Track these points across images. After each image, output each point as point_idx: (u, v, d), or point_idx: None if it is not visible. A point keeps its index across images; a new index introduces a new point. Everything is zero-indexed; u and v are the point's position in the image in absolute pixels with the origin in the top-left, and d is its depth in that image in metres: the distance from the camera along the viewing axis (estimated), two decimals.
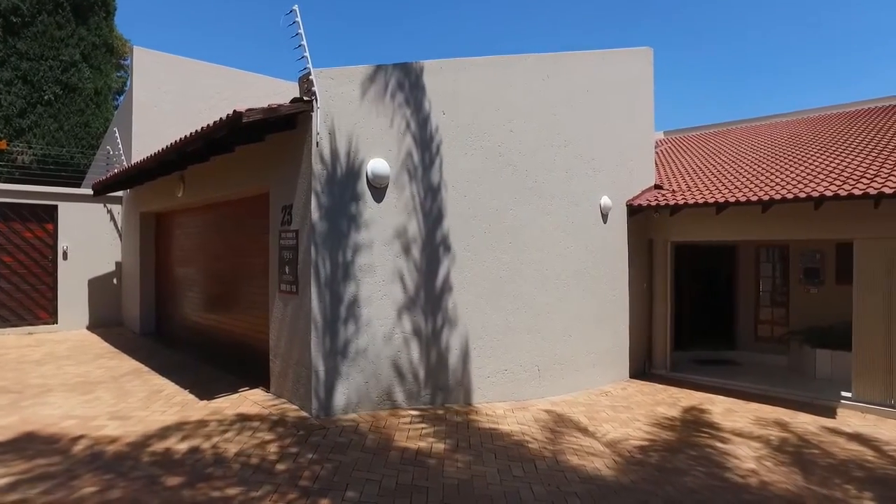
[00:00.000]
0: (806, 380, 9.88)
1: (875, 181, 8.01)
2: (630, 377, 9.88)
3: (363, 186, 6.46)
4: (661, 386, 9.46)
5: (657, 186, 10.61)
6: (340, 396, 6.25)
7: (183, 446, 5.21)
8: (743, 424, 7.46)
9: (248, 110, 5.52)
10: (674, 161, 13.67)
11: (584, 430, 6.76)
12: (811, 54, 43.88)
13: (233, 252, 8.72)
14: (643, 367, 10.32)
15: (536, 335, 8.10)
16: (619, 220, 9.70)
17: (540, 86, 8.33)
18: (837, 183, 8.33)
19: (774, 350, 11.33)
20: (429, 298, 6.99)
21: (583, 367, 8.79)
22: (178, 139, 6.88)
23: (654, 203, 9.61)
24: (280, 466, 4.83)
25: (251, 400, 6.63)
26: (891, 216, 8.00)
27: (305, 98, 5.96)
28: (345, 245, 6.29)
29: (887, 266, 8.09)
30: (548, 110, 8.40)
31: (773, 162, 10.88)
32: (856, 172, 8.66)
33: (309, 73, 5.95)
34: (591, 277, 9.02)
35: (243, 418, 5.98)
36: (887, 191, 7.58)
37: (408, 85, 6.92)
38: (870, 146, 10.49)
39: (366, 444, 5.54)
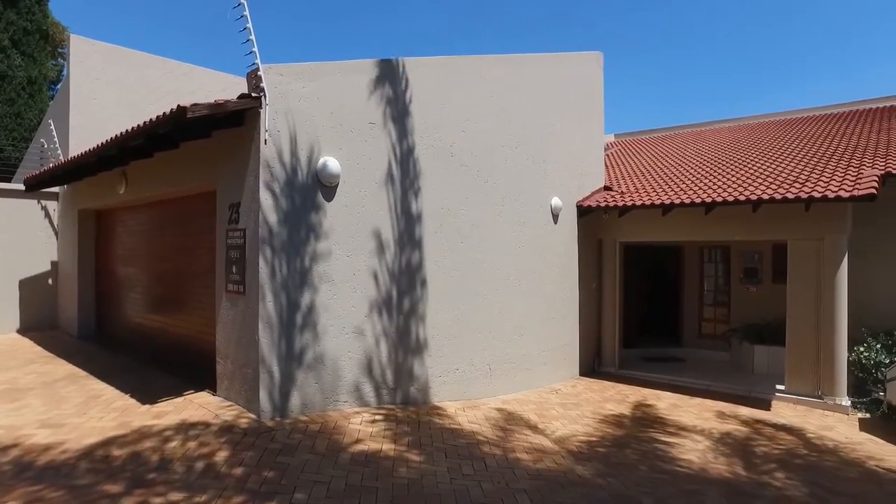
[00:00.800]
0: (745, 374, 10.31)
1: (806, 185, 8.44)
2: (580, 375, 10.08)
3: (314, 185, 6.36)
4: (609, 383, 9.69)
5: (607, 188, 10.87)
6: (292, 398, 6.14)
7: (122, 452, 5.00)
8: (687, 418, 7.72)
9: (194, 105, 5.36)
10: (623, 163, 14.04)
11: (534, 428, 6.86)
12: (755, 63, 45.87)
13: (178, 251, 8.44)
14: (593, 365, 10.55)
15: (488, 334, 8.16)
16: (570, 220, 9.89)
17: (492, 87, 8.40)
18: (773, 187, 8.73)
19: (717, 347, 11.78)
20: (380, 298, 6.95)
21: (534, 366, 8.91)
22: (118, 133, 6.61)
23: (603, 204, 9.84)
24: (226, 470, 4.70)
25: (197, 403, 6.43)
26: (820, 219, 8.44)
27: (253, 94, 5.82)
28: (294, 244, 6.19)
29: (817, 266, 8.53)
30: (499, 111, 8.48)
31: (716, 166, 11.31)
32: (790, 177, 9.10)
33: (257, 69, 5.82)
34: (542, 277, 9.16)
35: (188, 422, 5.79)
36: (816, 195, 8.00)
37: (360, 83, 6.86)
38: (802, 152, 11.04)
39: (316, 445, 5.46)
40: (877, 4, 39.85)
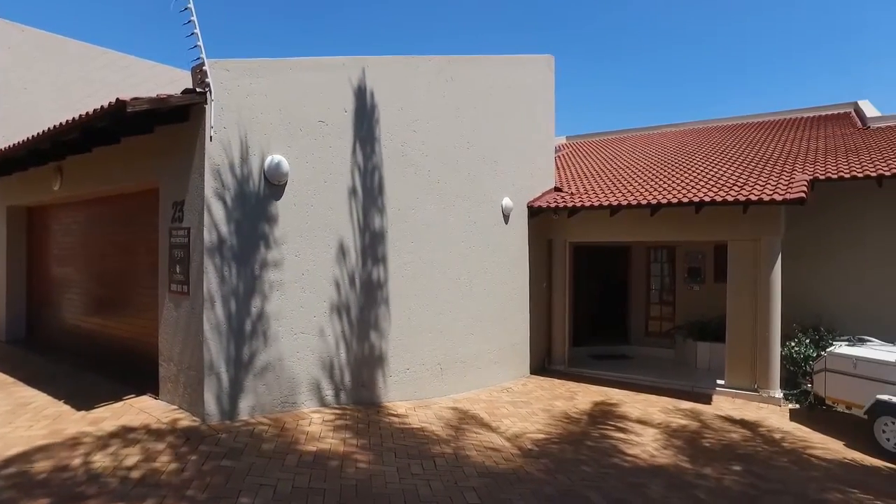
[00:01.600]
0: (689, 370, 10.69)
1: (744, 189, 8.83)
2: (531, 373, 10.23)
3: (262, 183, 6.24)
4: (559, 381, 9.88)
5: (557, 189, 11.08)
6: (241, 400, 5.99)
7: (49, 464, 4.73)
8: (633, 414, 7.94)
9: (134, 99, 5.16)
10: (574, 165, 14.34)
11: (485, 426, 6.92)
12: (700, 70, 47.59)
13: (119, 250, 8.12)
14: (543, 364, 10.73)
15: (439, 334, 8.19)
16: (521, 220, 10.02)
17: (444, 87, 8.43)
18: (714, 189, 9.09)
19: (663, 344, 12.16)
20: (332, 298, 6.87)
21: (485, 365, 8.99)
22: (52, 126, 6.30)
23: (553, 205, 10.02)
24: (166, 477, 4.55)
25: (138, 408, 6.20)
26: (757, 220, 8.83)
27: (199, 89, 5.66)
28: (242, 243, 6.05)
29: (754, 266, 8.92)
30: (451, 112, 8.52)
31: (662, 169, 11.69)
32: (730, 180, 9.50)
33: (202, 64, 5.65)
34: (493, 277, 9.25)
35: (127, 428, 5.57)
36: (753, 198, 8.38)
37: (311, 81, 6.77)
38: (742, 157, 11.56)
39: (263, 448, 5.36)
40: (815, 23, 42.05)
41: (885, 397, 6.83)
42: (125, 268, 7.94)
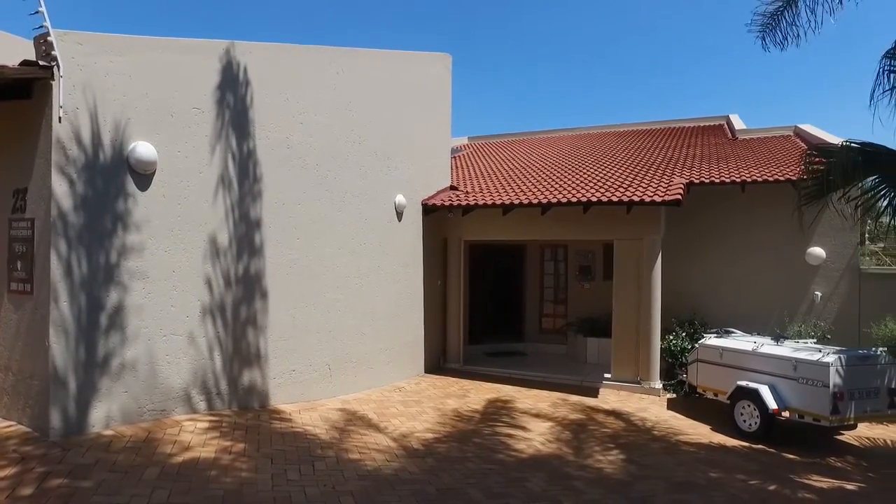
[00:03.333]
0: (579, 365, 11.06)
1: (628, 191, 9.24)
2: (425, 372, 10.15)
3: (122, 171, 5.69)
4: (453, 379, 9.87)
5: (453, 187, 11.09)
6: (94, 411, 5.40)
7: None
8: (523, 408, 8.05)
9: None
10: (473, 165, 14.48)
11: (372, 427, 6.72)
12: (604, 78, 50.00)
13: None
14: (439, 362, 10.69)
15: (328, 333, 7.90)
16: (415, 218, 9.92)
17: (334, 80, 8.16)
18: (602, 191, 9.44)
19: (556, 340, 12.52)
20: (208, 297, 6.41)
21: (377, 365, 8.80)
22: None
23: (447, 203, 10.01)
24: None
25: None
26: (640, 220, 9.28)
27: (42, 62, 5.04)
28: (97, 236, 5.47)
29: (637, 264, 9.38)
30: (342, 105, 8.26)
31: (555, 171, 12.05)
32: (616, 182, 9.92)
33: (47, 34, 5.04)
34: (386, 275, 9.08)
35: None
36: (636, 199, 8.79)
37: (184, 63, 6.28)
38: (629, 161, 12.17)
39: (119, 462, 4.85)
40: (696, 43, 45.56)
41: (743, 383, 7.36)
42: None
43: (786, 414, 6.97)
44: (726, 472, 6.05)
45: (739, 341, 7.99)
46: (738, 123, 15.28)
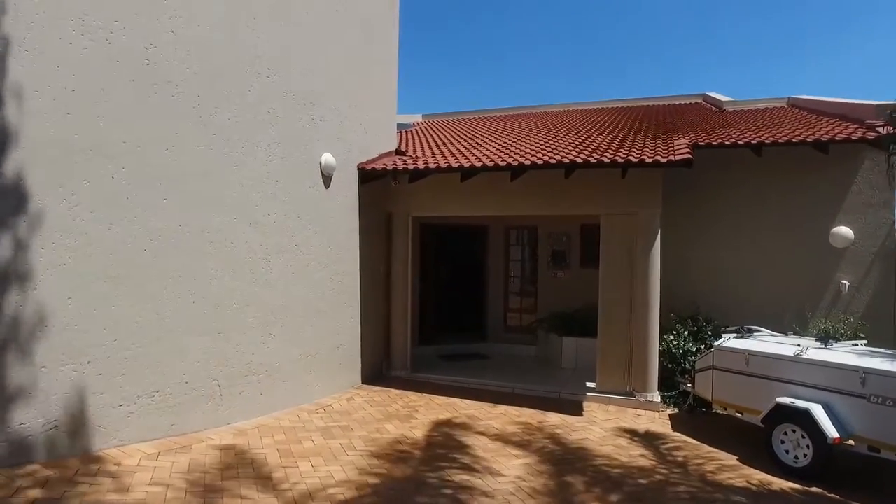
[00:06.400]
0: (554, 370, 9.06)
1: (620, 153, 7.27)
2: (363, 382, 7.95)
3: None
4: (398, 391, 7.69)
5: (399, 152, 8.91)
6: None
7: None
8: (487, 437, 5.95)
9: None
10: (426, 138, 12.28)
11: (261, 481, 4.47)
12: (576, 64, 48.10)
13: None
14: (381, 369, 8.50)
15: (217, 336, 5.62)
16: (349, 186, 7.68)
17: None
18: (585, 154, 7.44)
19: (524, 340, 10.50)
20: None
21: (293, 377, 6.56)
22: None
23: (391, 167, 7.79)
24: None
25: None
26: (635, 190, 7.33)
27: None
28: None
29: (630, 245, 7.40)
30: (241, 21, 5.95)
31: (525, 137, 10.02)
32: (601, 146, 7.94)
33: None
34: (307, 257, 6.83)
35: None
36: (634, 159, 6.83)
37: None
38: (612, 129, 10.28)
39: None
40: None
41: (785, 400, 5.44)
42: None
43: (849, 443, 5.08)
44: None
45: (772, 343, 6.08)
46: (722, 98, 13.60)
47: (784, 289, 8.20)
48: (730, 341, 6.40)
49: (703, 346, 7.57)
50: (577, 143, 8.62)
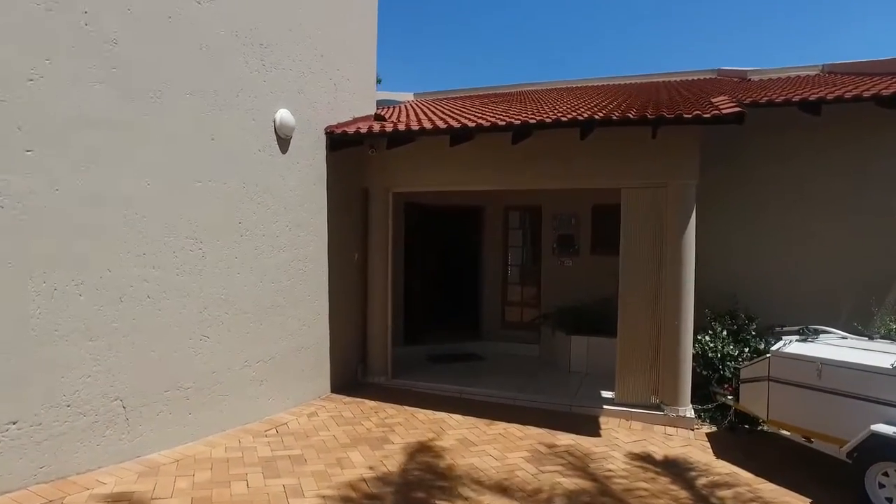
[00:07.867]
0: (561, 375, 7.69)
1: (646, 111, 5.87)
2: (333, 391, 6.56)
3: None
4: (373, 404, 6.30)
5: (378, 116, 7.46)
6: None
7: None
8: (484, 473, 4.56)
9: None
10: (414, 111, 10.83)
11: None
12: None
13: None
14: (355, 374, 7.11)
15: (120, 339, 4.20)
16: (312, 153, 6.24)
17: None
18: (603, 113, 6.03)
19: (525, 338, 9.11)
20: None
21: (236, 388, 5.16)
22: None
23: (365, 130, 6.35)
24: None
25: None
26: (665, 156, 5.95)
27: None
28: None
29: (658, 223, 6.02)
30: None
31: (528, 105, 8.59)
32: (618, 109, 6.52)
33: None
34: (257, 238, 5.41)
35: None
36: (668, 114, 5.42)
37: None
38: (630, 100, 8.86)
39: None
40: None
41: (884, 429, 4.06)
42: None
43: None
44: None
45: (852, 350, 4.69)
46: (741, 68, 12.11)
47: (841, 277, 6.80)
48: (792, 345, 5.02)
49: (745, 349, 6.22)
50: (592, 104, 7.22)
